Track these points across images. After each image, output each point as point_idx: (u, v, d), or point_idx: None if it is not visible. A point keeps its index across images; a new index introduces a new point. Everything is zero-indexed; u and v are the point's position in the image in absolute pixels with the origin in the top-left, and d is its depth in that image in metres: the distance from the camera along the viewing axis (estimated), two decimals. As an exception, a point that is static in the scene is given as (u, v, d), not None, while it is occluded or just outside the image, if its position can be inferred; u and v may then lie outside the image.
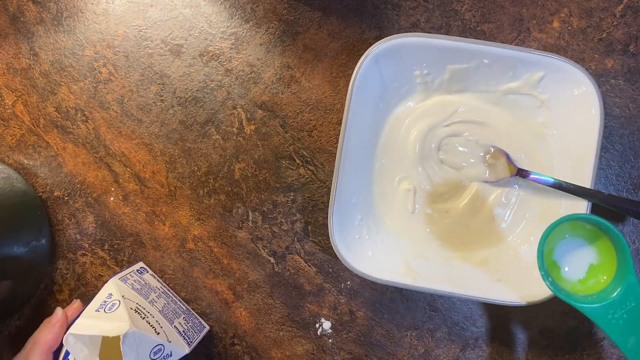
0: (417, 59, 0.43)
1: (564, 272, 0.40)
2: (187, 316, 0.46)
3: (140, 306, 0.41)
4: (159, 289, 0.46)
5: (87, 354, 0.38)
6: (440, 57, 0.42)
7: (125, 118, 0.48)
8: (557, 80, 0.42)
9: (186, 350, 0.42)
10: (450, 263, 0.45)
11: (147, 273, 0.47)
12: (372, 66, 0.42)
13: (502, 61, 0.41)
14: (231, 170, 0.48)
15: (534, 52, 0.41)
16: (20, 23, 0.49)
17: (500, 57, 0.41)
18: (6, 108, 0.49)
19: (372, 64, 0.42)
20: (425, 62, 0.43)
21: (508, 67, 0.42)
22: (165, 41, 0.48)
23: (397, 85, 0.44)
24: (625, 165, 0.46)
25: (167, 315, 0.43)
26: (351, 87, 0.41)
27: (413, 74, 0.44)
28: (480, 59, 0.42)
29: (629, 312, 0.37)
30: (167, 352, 0.40)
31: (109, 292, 0.41)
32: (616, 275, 0.38)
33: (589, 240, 0.40)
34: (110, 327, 0.37)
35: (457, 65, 0.43)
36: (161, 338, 0.40)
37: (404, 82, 0.44)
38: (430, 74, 0.44)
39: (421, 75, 0.44)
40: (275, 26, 0.47)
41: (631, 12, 0.45)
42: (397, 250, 0.45)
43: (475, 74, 0.43)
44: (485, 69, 0.42)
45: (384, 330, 0.47)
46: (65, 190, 0.49)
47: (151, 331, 0.39)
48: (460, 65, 0.43)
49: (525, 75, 0.42)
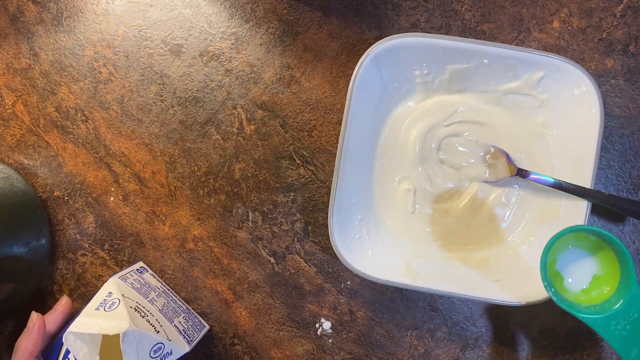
0: (417, 59, 0.43)
1: (567, 283, 0.40)
2: (187, 315, 0.46)
3: (140, 305, 0.41)
4: (158, 288, 0.46)
5: (87, 352, 0.38)
6: (440, 57, 0.42)
7: (125, 118, 0.48)
8: (557, 80, 0.42)
9: (186, 349, 0.42)
10: (450, 263, 0.45)
11: (146, 272, 0.47)
12: (372, 66, 0.42)
13: (502, 61, 0.41)
14: (231, 170, 0.48)
15: (534, 52, 0.41)
16: (20, 23, 0.49)
17: (500, 57, 0.41)
18: (6, 108, 0.49)
19: (372, 64, 0.42)
20: (425, 62, 0.43)
21: (508, 67, 0.42)
22: (165, 41, 0.48)
23: (397, 85, 0.44)
24: (625, 165, 0.46)
25: (166, 314, 0.43)
26: (351, 87, 0.41)
27: (413, 74, 0.44)
28: (480, 59, 0.42)
29: (632, 323, 0.37)
30: (167, 350, 0.40)
31: (109, 290, 0.41)
32: (619, 286, 0.38)
33: (592, 251, 0.39)
34: (110, 326, 0.37)
35: (457, 65, 0.43)
36: (161, 336, 0.39)
37: (404, 82, 0.44)
38: (430, 74, 0.44)
39: (421, 75, 0.44)
40: (275, 26, 0.47)
41: (631, 12, 0.45)
42: (397, 250, 0.45)
43: (475, 74, 0.43)
44: (485, 69, 0.42)
45: (384, 330, 0.47)
46: (65, 190, 0.49)
47: (151, 330, 0.39)
48: (460, 65, 0.43)
49: (525, 75, 0.42)
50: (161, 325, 0.41)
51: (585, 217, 0.41)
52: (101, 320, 0.38)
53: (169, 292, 0.47)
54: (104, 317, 0.39)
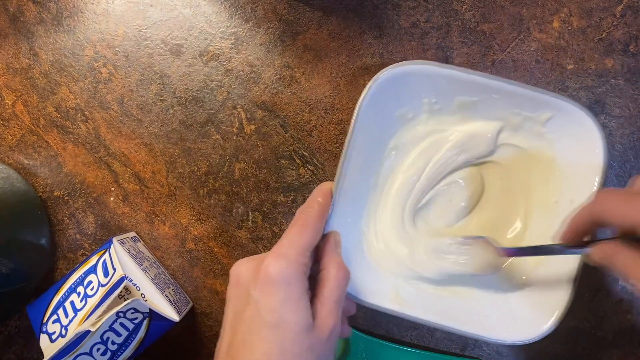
0: (425, 87, 0.40)
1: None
2: (175, 288, 0.47)
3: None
4: (150, 259, 0.47)
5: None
6: (448, 87, 0.40)
7: (125, 118, 0.48)
8: (565, 122, 0.40)
9: (177, 318, 0.43)
10: (439, 293, 0.43)
11: (139, 242, 0.48)
12: (378, 94, 0.39)
13: (511, 98, 0.39)
14: (231, 170, 0.48)
15: (547, 94, 0.38)
16: (20, 23, 0.49)
17: (511, 94, 0.39)
18: (6, 108, 0.49)
19: (377, 92, 0.39)
20: (434, 92, 0.40)
21: (515, 105, 0.40)
22: (165, 41, 0.48)
23: (402, 112, 0.42)
24: (625, 165, 0.46)
25: (158, 284, 0.44)
26: (356, 115, 0.38)
27: (421, 102, 0.42)
28: (489, 94, 0.39)
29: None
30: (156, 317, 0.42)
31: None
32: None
33: None
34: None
35: (466, 98, 0.40)
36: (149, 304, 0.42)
37: (409, 109, 0.42)
38: (439, 103, 0.41)
39: (429, 104, 0.42)
40: (275, 26, 0.47)
41: (631, 12, 0.45)
42: (386, 275, 0.43)
43: (483, 105, 0.41)
44: (494, 102, 0.40)
45: (384, 330, 0.47)
46: (65, 190, 0.49)
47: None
48: (469, 97, 0.40)
49: (534, 114, 0.40)
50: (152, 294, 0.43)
51: (580, 264, 0.39)
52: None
53: (159, 264, 0.48)
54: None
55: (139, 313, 0.40)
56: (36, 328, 0.43)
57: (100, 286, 0.41)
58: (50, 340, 0.42)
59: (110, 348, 0.40)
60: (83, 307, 0.41)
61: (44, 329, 0.43)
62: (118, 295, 0.40)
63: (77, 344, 0.38)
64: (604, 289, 0.46)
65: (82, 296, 0.42)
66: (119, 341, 0.40)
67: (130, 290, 0.42)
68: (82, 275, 0.43)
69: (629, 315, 0.46)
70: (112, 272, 0.41)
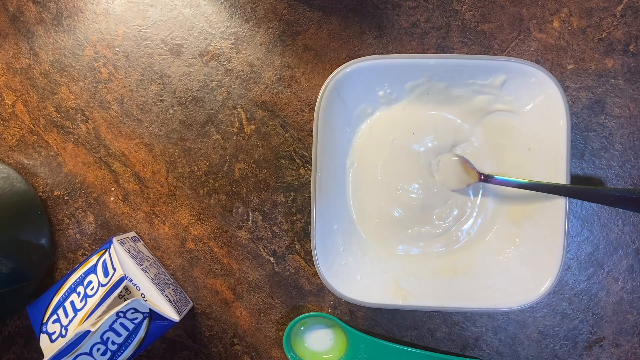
0: (377, 79, 0.42)
1: (309, 345, 0.48)
2: (175, 288, 0.47)
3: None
4: (150, 259, 0.47)
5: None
6: (397, 75, 0.42)
7: (125, 118, 0.48)
8: (518, 80, 0.41)
9: (177, 318, 0.43)
10: (440, 277, 0.44)
11: (139, 242, 0.48)
12: (334, 95, 0.41)
13: (459, 71, 0.41)
14: (231, 170, 0.48)
15: (483, 58, 0.40)
16: (20, 23, 0.49)
17: (453, 66, 0.41)
18: (6, 108, 0.49)
19: (334, 93, 0.41)
20: (387, 82, 0.43)
21: (467, 76, 0.42)
22: (165, 41, 0.48)
23: (362, 107, 0.44)
24: (625, 165, 0.46)
25: (158, 284, 0.44)
26: (315, 120, 0.41)
27: (376, 95, 0.44)
28: (432, 72, 0.42)
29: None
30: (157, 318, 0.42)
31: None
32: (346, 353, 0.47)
33: (329, 325, 0.48)
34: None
35: (413, 82, 0.43)
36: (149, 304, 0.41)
37: (368, 103, 0.44)
38: (393, 92, 0.44)
39: (384, 95, 0.44)
40: (275, 26, 0.47)
41: (631, 12, 0.45)
42: (385, 271, 0.44)
43: (434, 86, 0.43)
44: (446, 78, 0.42)
45: (384, 330, 0.47)
46: (65, 190, 0.49)
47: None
48: (415, 81, 0.43)
49: (488, 80, 0.42)
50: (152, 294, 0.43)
51: (565, 211, 0.40)
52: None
53: (159, 264, 0.48)
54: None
55: (139, 313, 0.40)
56: (36, 328, 0.43)
57: (100, 286, 0.41)
58: (50, 340, 0.42)
59: (110, 348, 0.40)
60: (83, 307, 0.41)
61: (44, 329, 0.42)
62: (118, 295, 0.40)
63: (77, 344, 0.38)
64: (604, 289, 0.46)
65: (82, 296, 0.42)
66: (119, 341, 0.40)
67: (130, 290, 0.42)
68: (82, 275, 0.43)
69: (629, 315, 0.46)
70: (112, 272, 0.41)
